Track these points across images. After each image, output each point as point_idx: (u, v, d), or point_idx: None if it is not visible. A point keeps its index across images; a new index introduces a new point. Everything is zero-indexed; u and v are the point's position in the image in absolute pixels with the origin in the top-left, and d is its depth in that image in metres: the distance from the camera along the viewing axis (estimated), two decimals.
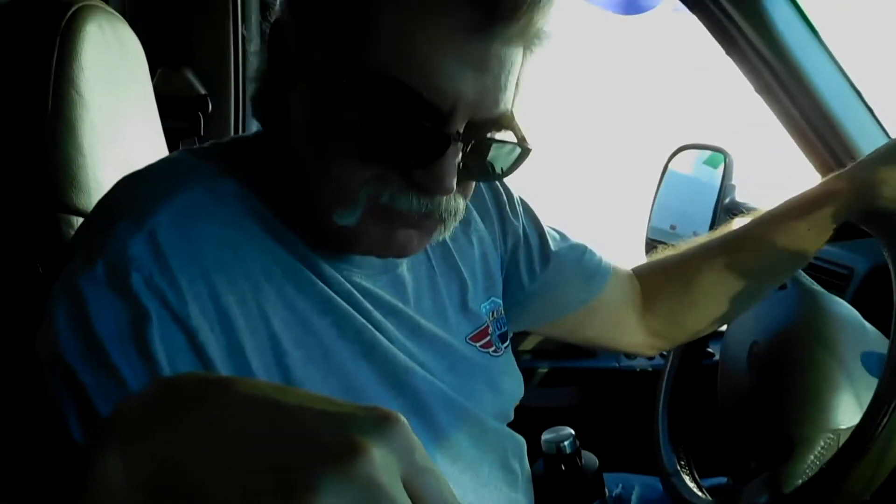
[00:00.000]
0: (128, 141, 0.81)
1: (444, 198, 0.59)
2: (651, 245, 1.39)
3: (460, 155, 0.56)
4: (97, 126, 0.74)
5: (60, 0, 0.72)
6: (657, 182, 1.46)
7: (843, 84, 1.12)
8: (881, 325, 0.88)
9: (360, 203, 0.57)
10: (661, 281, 0.93)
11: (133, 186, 0.60)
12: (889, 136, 1.14)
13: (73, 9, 0.72)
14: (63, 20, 0.71)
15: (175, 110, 1.16)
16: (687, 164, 1.45)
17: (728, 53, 1.18)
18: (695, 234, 1.34)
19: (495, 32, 0.54)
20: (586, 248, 0.91)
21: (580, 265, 0.88)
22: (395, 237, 0.60)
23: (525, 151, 0.63)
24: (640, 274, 0.96)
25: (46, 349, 0.52)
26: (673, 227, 1.42)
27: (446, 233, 0.63)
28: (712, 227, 1.32)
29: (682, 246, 0.94)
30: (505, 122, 0.59)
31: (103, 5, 0.78)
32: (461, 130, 0.56)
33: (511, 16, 0.54)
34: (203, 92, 1.20)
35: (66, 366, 0.51)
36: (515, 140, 0.62)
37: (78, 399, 0.51)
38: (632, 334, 0.94)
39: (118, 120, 0.79)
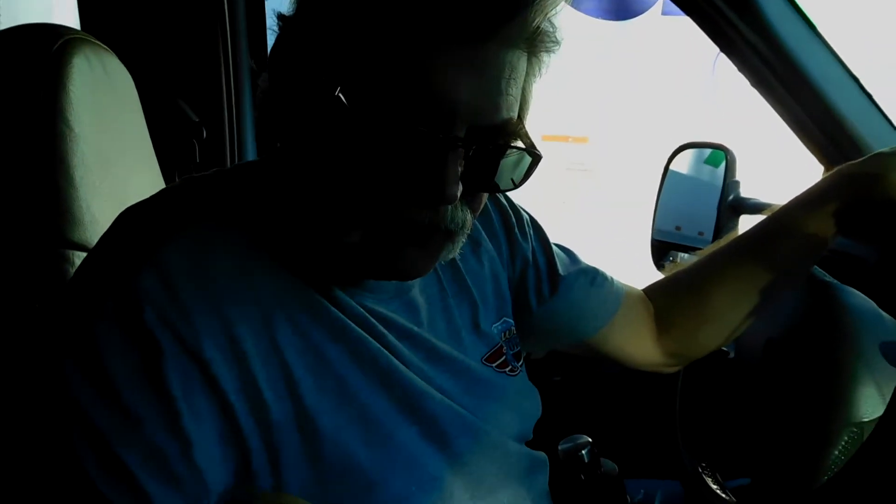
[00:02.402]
0: (122, 172, 0.81)
1: (450, 209, 0.57)
2: (656, 247, 1.38)
3: (462, 162, 0.55)
4: (88, 159, 0.73)
5: (46, 33, 0.72)
6: (659, 183, 1.44)
7: (843, 75, 1.11)
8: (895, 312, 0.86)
9: (365, 218, 0.56)
10: (673, 300, 0.92)
11: (138, 219, 0.59)
12: (893, 124, 1.12)
13: (60, 42, 0.72)
14: (49, 53, 0.71)
15: (170, 139, 1.16)
16: (688, 163, 1.44)
17: (724, 52, 1.17)
18: (700, 234, 1.32)
19: (492, 34, 0.53)
20: (597, 271, 0.90)
21: (590, 291, 0.87)
22: (401, 257, 0.58)
23: (535, 159, 0.60)
24: (652, 295, 0.95)
25: (52, 395, 0.51)
26: (678, 228, 1.40)
27: (454, 251, 0.62)
28: (717, 225, 1.30)
29: (691, 261, 0.93)
30: (511, 129, 0.57)
31: (90, 38, 0.78)
32: (461, 136, 0.54)
33: (508, 17, 0.53)
34: (196, 119, 1.19)
35: (78, 411, 0.50)
36: (524, 147, 0.60)
37: (95, 444, 0.49)
38: (648, 356, 0.93)
39: (110, 152, 0.79)
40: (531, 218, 0.87)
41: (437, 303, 0.73)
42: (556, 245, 0.89)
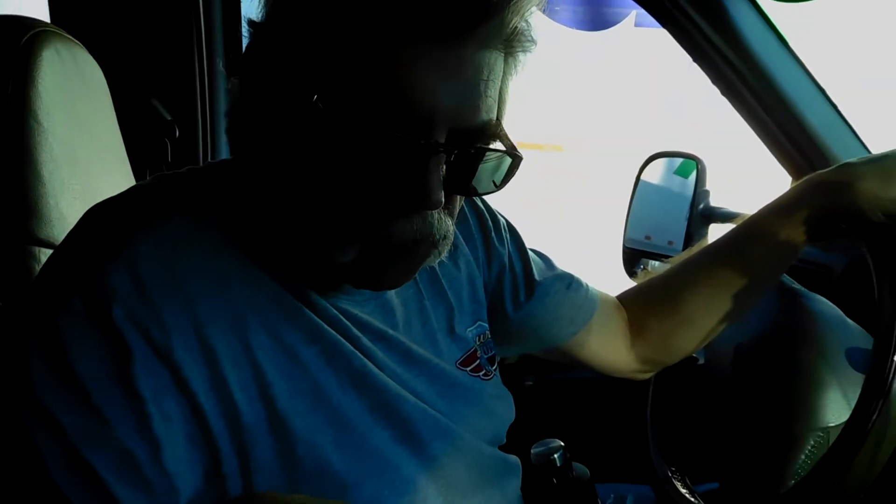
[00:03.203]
0: (91, 169, 0.79)
1: (437, 217, 0.57)
2: (628, 255, 1.39)
3: (444, 167, 0.54)
4: (57, 154, 0.72)
5: (15, 26, 0.70)
6: (630, 193, 1.46)
7: (811, 87, 1.14)
8: (862, 320, 0.88)
9: (354, 234, 0.55)
10: (647, 307, 0.93)
11: (108, 216, 0.57)
12: (857, 136, 1.15)
13: (29, 34, 0.70)
14: (18, 46, 0.69)
15: (142, 137, 1.14)
16: (659, 172, 1.46)
17: (696, 62, 1.20)
18: (669, 243, 1.34)
19: (468, 36, 0.52)
20: (573, 277, 0.90)
21: (566, 296, 0.88)
22: (391, 270, 0.58)
23: (516, 160, 0.60)
24: (626, 301, 0.96)
25: (16, 395, 0.49)
26: (648, 238, 1.42)
27: (437, 259, 0.61)
28: (687, 233, 1.32)
29: (665, 269, 0.94)
30: (490, 131, 0.57)
31: (61, 31, 0.77)
32: (442, 141, 0.53)
33: (482, 17, 0.52)
34: (169, 118, 1.18)
35: (44, 412, 0.48)
36: (504, 150, 0.59)
37: (62, 447, 0.48)
38: (622, 362, 0.94)
39: (80, 148, 0.77)
40: (508, 223, 0.87)
41: (412, 305, 0.72)
42: (533, 250, 0.89)
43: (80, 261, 0.53)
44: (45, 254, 0.69)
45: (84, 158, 0.78)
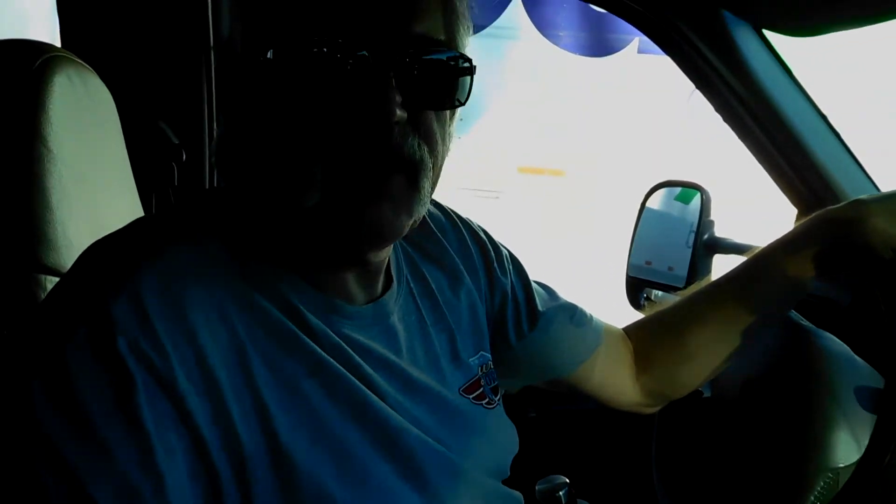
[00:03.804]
0: (99, 195, 0.79)
1: (400, 136, 0.57)
2: (631, 284, 1.39)
3: (392, 82, 0.55)
4: (66, 181, 0.71)
5: (27, 50, 0.70)
6: (635, 221, 1.46)
7: (818, 119, 1.14)
8: (869, 357, 0.87)
9: (319, 172, 0.56)
10: (653, 340, 0.93)
11: (111, 248, 0.58)
12: (864, 170, 1.15)
13: (41, 59, 0.70)
14: (30, 71, 0.69)
15: (149, 161, 1.14)
16: (663, 202, 1.46)
17: (699, 88, 1.20)
18: (669, 269, 1.34)
19: None
20: (576, 308, 0.90)
21: (569, 327, 0.87)
22: (368, 211, 0.57)
23: (469, 69, 0.61)
24: (632, 334, 0.95)
25: (19, 427, 0.49)
26: (648, 263, 1.42)
27: (421, 201, 0.60)
28: (692, 263, 1.32)
29: (669, 300, 0.94)
30: (435, 45, 0.58)
31: (73, 56, 0.77)
32: (367, 54, 0.55)
33: None
34: (176, 142, 1.18)
35: (47, 444, 0.48)
36: (457, 57, 0.60)
37: (66, 481, 0.47)
38: (627, 395, 0.93)
39: (88, 174, 0.77)
40: (510, 254, 0.87)
41: (415, 331, 0.72)
42: (536, 282, 0.89)
43: (84, 292, 0.53)
44: (51, 281, 0.68)
45: (92, 184, 0.78)
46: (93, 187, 0.78)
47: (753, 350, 0.95)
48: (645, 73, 4.14)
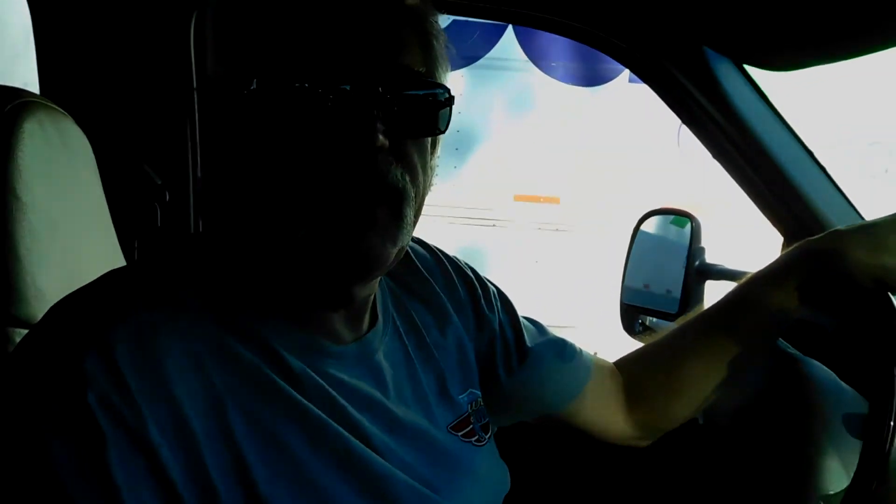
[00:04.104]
0: (73, 241, 0.78)
1: (384, 164, 0.56)
2: (625, 311, 1.38)
3: (375, 111, 0.55)
4: (36, 228, 0.71)
5: None
6: (627, 249, 1.45)
7: (800, 151, 1.15)
8: (854, 383, 0.87)
9: (305, 205, 0.55)
10: (644, 372, 0.92)
11: (82, 302, 0.57)
12: (846, 197, 1.16)
13: (10, 106, 0.70)
14: None
15: (130, 202, 1.14)
16: (655, 229, 1.46)
17: (685, 123, 1.21)
18: (668, 292, 1.33)
19: None
20: (566, 343, 0.89)
21: (558, 362, 0.87)
22: (356, 240, 0.57)
23: (449, 100, 0.61)
24: (623, 368, 0.95)
25: None
26: (646, 286, 1.41)
27: (405, 229, 0.60)
28: (684, 290, 1.31)
29: (667, 329, 0.93)
30: (413, 76, 0.59)
31: (46, 101, 0.76)
32: (349, 87, 0.55)
33: None
34: (159, 182, 1.17)
35: (15, 500, 0.47)
36: (436, 87, 0.60)
37: None
38: (619, 429, 0.92)
39: (61, 220, 0.76)
40: (498, 290, 0.87)
41: (402, 368, 0.71)
42: (524, 317, 0.89)
43: (53, 346, 0.53)
44: (19, 335, 0.67)
45: (65, 230, 0.77)
46: (67, 234, 0.77)
47: (743, 378, 0.95)
48: (636, 101, 4.19)
